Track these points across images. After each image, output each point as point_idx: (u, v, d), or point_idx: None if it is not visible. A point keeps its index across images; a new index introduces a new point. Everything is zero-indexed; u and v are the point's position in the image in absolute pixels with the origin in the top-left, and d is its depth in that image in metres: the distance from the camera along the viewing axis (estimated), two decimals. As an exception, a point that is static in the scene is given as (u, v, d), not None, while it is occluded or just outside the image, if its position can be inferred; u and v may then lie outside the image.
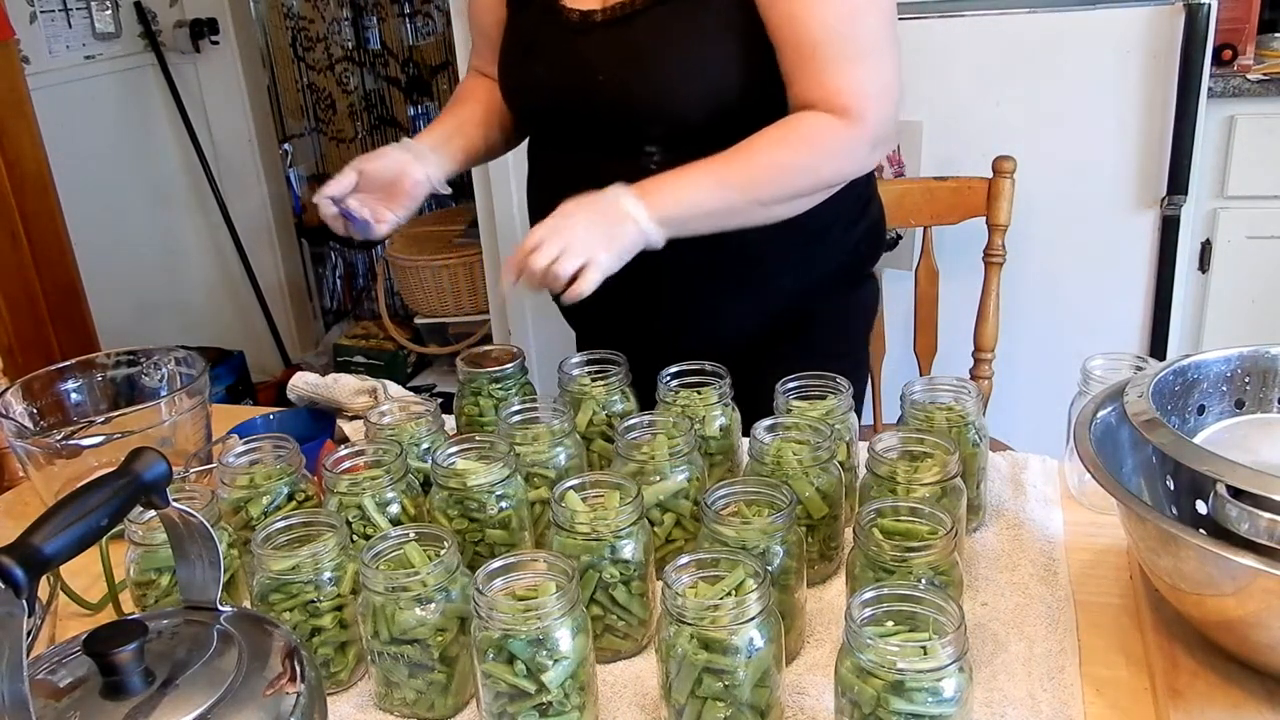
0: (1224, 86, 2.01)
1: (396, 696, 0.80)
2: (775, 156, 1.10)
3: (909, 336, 1.85)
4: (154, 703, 0.60)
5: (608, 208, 1.05)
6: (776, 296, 1.25)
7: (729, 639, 0.69)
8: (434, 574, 0.76)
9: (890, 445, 0.91)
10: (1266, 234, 2.11)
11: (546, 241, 1.01)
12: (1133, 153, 1.96)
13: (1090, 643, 0.83)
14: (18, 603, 0.56)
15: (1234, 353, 0.89)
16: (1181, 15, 1.84)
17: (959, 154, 2.01)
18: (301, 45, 3.64)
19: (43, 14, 2.90)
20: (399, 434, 1.01)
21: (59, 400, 1.18)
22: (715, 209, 1.09)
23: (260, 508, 0.93)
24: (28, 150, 2.52)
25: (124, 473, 0.65)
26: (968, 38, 1.97)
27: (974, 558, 0.94)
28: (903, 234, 2.10)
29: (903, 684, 0.64)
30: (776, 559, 0.79)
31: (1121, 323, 2.07)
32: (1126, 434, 0.84)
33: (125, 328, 3.06)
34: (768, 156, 1.10)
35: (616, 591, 0.82)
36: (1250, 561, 0.66)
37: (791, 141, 1.10)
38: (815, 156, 1.11)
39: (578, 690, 0.74)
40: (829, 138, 1.10)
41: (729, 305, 1.25)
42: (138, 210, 3.26)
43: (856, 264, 1.33)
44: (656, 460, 0.90)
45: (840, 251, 1.28)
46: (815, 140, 1.10)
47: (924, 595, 0.69)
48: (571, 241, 1.01)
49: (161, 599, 0.88)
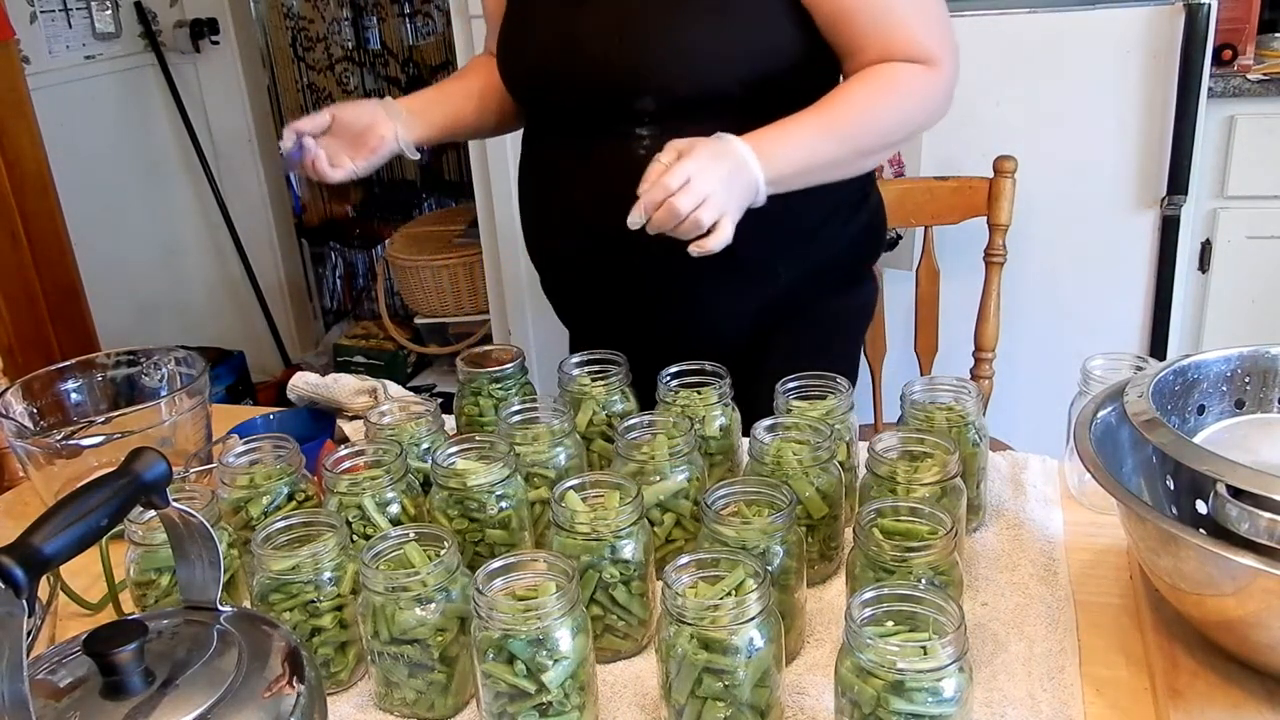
0: (1224, 86, 2.01)
1: (396, 696, 0.80)
2: (872, 104, 1.10)
3: (909, 336, 1.85)
4: (154, 703, 0.60)
5: (737, 162, 1.02)
6: (771, 293, 1.24)
7: (729, 639, 0.69)
8: (434, 574, 0.76)
9: (890, 445, 0.91)
10: (1266, 234, 2.11)
11: (693, 183, 0.97)
12: (1133, 153, 1.96)
13: (1090, 643, 0.83)
14: (18, 603, 0.56)
15: (1234, 353, 0.89)
16: (1181, 15, 1.84)
17: (959, 154, 2.01)
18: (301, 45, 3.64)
19: (43, 14, 2.90)
20: (399, 434, 1.01)
21: (59, 400, 1.18)
22: (820, 163, 1.08)
23: (260, 508, 0.93)
24: (28, 150, 2.52)
25: (124, 473, 0.65)
26: (968, 38, 1.95)
27: (974, 558, 0.94)
28: (903, 234, 2.10)
29: (903, 684, 0.64)
30: (776, 559, 0.79)
31: (1121, 323, 2.07)
32: (1126, 434, 0.84)
33: (125, 328, 3.06)
34: (866, 105, 1.09)
35: (616, 591, 0.82)
36: (1250, 561, 0.66)
37: (885, 89, 1.10)
38: (909, 101, 1.11)
39: (578, 690, 0.74)
40: (919, 84, 1.11)
41: (724, 302, 1.24)
42: (138, 210, 3.26)
43: (854, 261, 1.33)
44: (656, 460, 0.90)
45: (836, 247, 1.27)
46: (906, 87, 1.10)
47: (924, 595, 0.69)
48: (715, 190, 0.98)
49: (161, 599, 0.88)
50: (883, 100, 1.10)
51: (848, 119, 1.09)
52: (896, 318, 1.89)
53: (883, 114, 1.11)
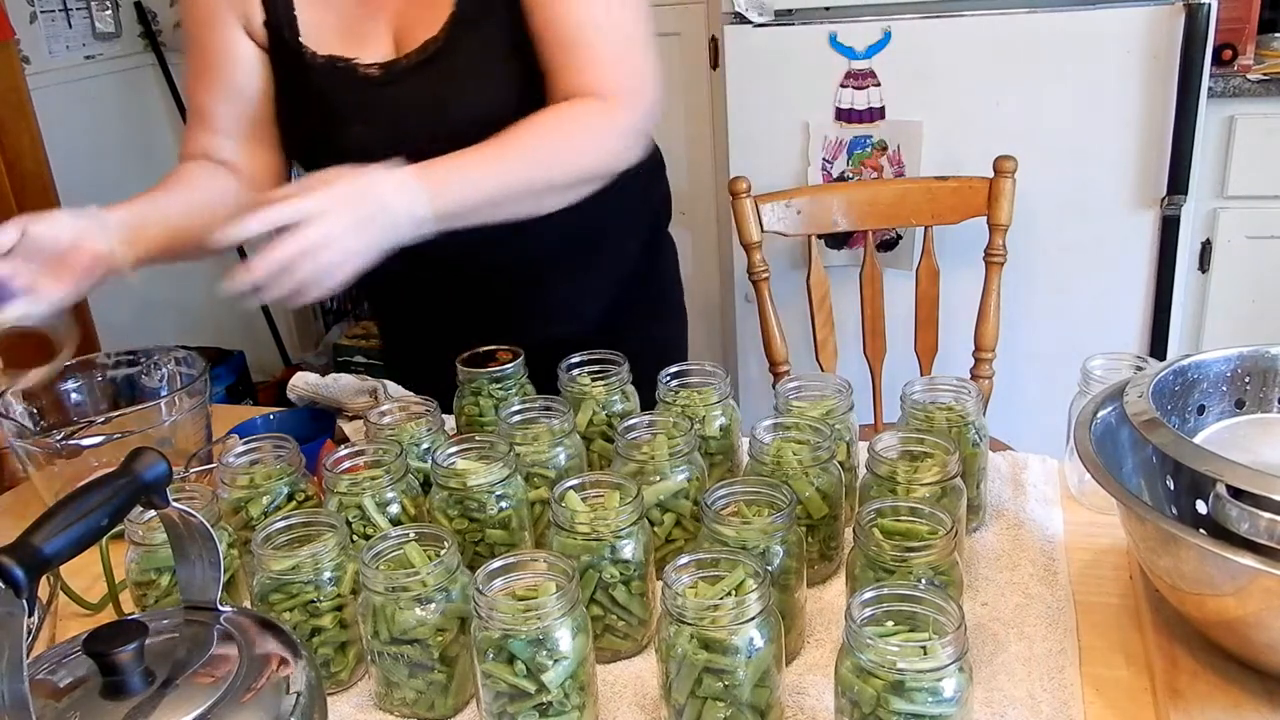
0: (1224, 86, 2.01)
1: (396, 696, 0.80)
2: (539, 139, 1.08)
3: (909, 336, 1.85)
4: (154, 703, 0.60)
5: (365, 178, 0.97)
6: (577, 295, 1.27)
7: (729, 639, 0.69)
8: (434, 574, 0.76)
9: (890, 445, 0.91)
10: (1266, 234, 2.11)
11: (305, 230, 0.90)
12: (1133, 153, 1.96)
13: (1090, 643, 0.83)
14: (18, 603, 0.56)
15: (1234, 353, 0.89)
16: (1181, 15, 1.84)
17: (959, 154, 2.01)
18: (301, 45, 3.64)
19: (43, 14, 2.90)
20: (399, 434, 1.01)
21: (59, 400, 1.18)
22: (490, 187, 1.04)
23: (260, 508, 0.93)
24: (28, 150, 2.52)
25: (124, 473, 0.65)
26: (968, 38, 1.97)
27: (974, 558, 0.94)
28: (903, 234, 2.10)
29: (903, 684, 0.64)
30: (776, 559, 0.79)
31: (1121, 323, 2.07)
32: (1126, 434, 0.84)
33: (125, 328, 3.06)
34: (535, 130, 1.08)
35: (616, 591, 0.82)
36: (1250, 561, 0.66)
37: (552, 126, 1.09)
38: (578, 137, 1.11)
39: (578, 690, 0.74)
40: (594, 120, 1.11)
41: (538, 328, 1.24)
42: (138, 210, 3.26)
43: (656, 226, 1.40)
44: (656, 460, 0.90)
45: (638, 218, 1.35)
46: (575, 123, 1.10)
47: (924, 595, 0.69)
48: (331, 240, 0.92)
49: (161, 599, 0.88)
50: (549, 136, 1.09)
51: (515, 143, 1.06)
52: (896, 318, 1.89)
53: (549, 148, 1.09)
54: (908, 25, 1.99)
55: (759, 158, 2.12)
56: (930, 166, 2.04)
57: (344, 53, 1.16)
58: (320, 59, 1.16)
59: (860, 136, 2.08)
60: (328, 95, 1.18)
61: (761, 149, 2.14)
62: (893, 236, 2.12)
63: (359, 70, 1.16)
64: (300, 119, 1.21)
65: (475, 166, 1.03)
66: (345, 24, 1.17)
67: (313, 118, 1.19)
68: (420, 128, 1.14)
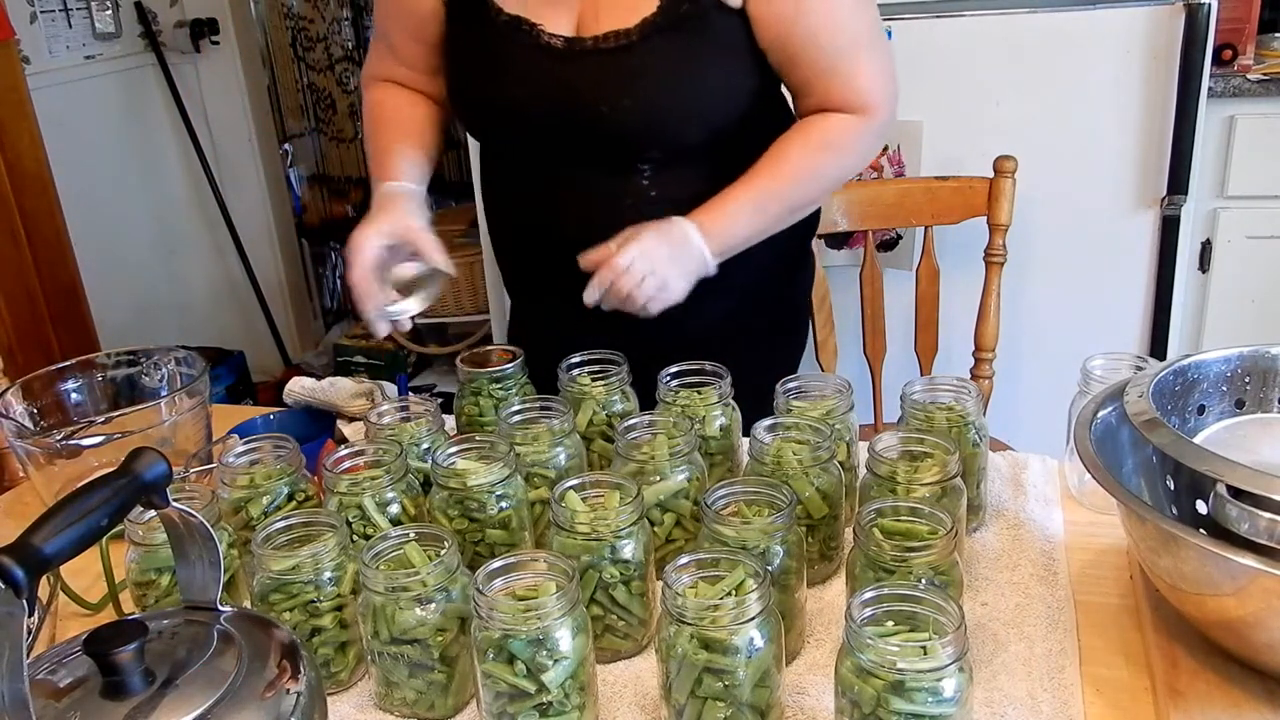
0: (1224, 86, 2.01)
1: (396, 696, 0.80)
2: (807, 166, 1.17)
3: (909, 336, 1.85)
4: (154, 703, 0.60)
5: (681, 240, 1.12)
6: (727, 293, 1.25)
7: (729, 639, 0.69)
8: (434, 574, 0.76)
9: (890, 445, 0.91)
10: (1266, 234, 2.11)
11: (635, 265, 1.08)
12: (1133, 153, 1.96)
13: (1090, 643, 0.83)
14: (18, 603, 0.56)
15: (1234, 353, 0.89)
16: (1181, 15, 1.84)
17: (959, 154, 2.01)
18: (301, 45, 3.64)
19: (43, 14, 2.90)
20: (399, 434, 1.01)
21: (59, 400, 1.18)
22: (759, 229, 1.17)
23: (260, 508, 0.93)
24: (28, 150, 2.52)
25: (124, 473, 0.65)
26: (968, 38, 1.97)
27: (974, 558, 0.94)
28: (903, 234, 2.10)
29: (903, 684, 0.64)
30: (776, 559, 0.79)
31: (1121, 323, 2.07)
32: (1126, 434, 0.84)
33: (125, 328, 3.06)
34: (800, 168, 1.17)
35: (616, 591, 0.82)
36: (1250, 561, 0.66)
37: (818, 148, 1.17)
38: (841, 157, 1.19)
39: (578, 690, 0.74)
40: (850, 137, 1.18)
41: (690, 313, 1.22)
42: (138, 210, 3.26)
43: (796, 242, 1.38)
44: (656, 460, 0.90)
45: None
46: (839, 143, 1.18)
47: (924, 595, 0.69)
48: (656, 267, 1.09)
49: (161, 599, 0.88)
50: (818, 159, 1.18)
51: (784, 184, 1.17)
52: (896, 318, 1.89)
53: (818, 172, 1.19)
54: (908, 25, 1.99)
55: (759, 158, 2.12)
56: (930, 166, 2.04)
57: (529, 16, 1.15)
58: (505, 17, 1.16)
59: (860, 136, 2.08)
60: (504, 55, 1.17)
61: (761, 149, 2.13)
62: (893, 236, 2.11)
63: (542, 37, 1.15)
64: (471, 74, 1.21)
65: (746, 212, 1.15)
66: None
67: (483, 74, 1.20)
68: (589, 111, 1.15)
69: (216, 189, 3.32)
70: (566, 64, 1.15)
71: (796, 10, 1.10)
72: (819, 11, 1.11)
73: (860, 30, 1.15)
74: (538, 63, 1.16)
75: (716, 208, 1.14)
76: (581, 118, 1.15)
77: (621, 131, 1.15)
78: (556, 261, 1.19)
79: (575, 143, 1.18)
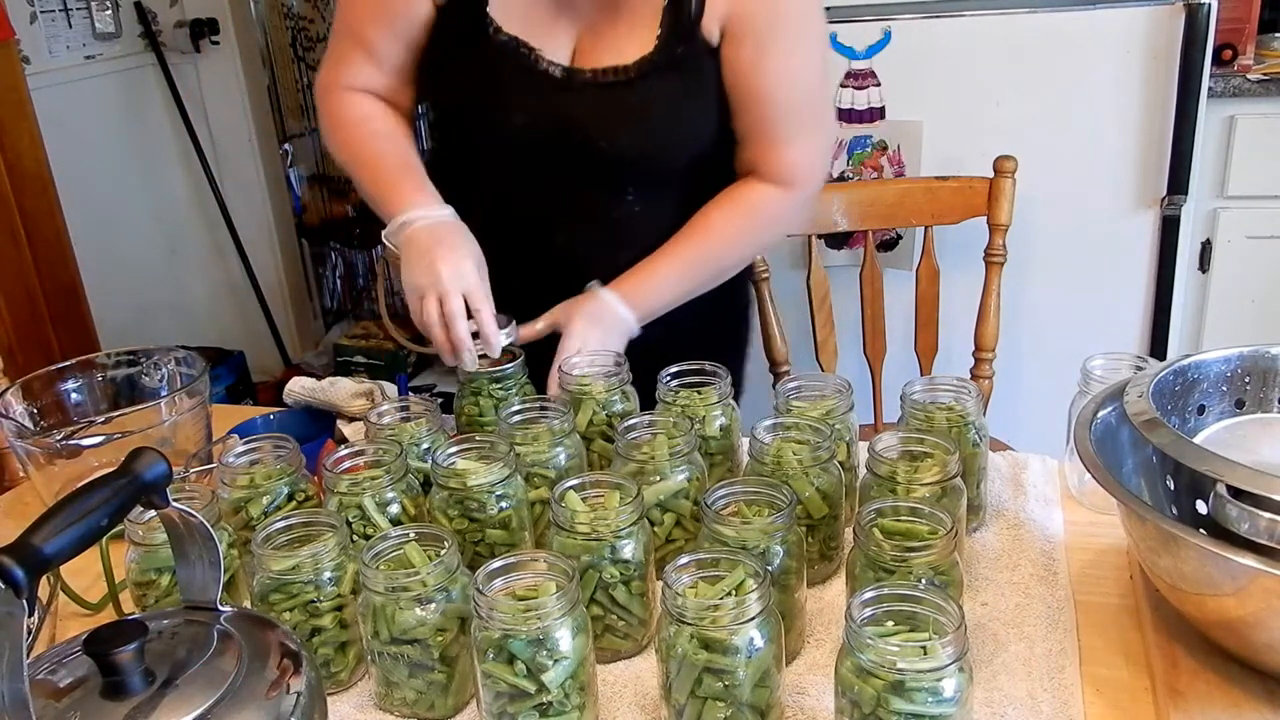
0: (1224, 86, 2.01)
1: (396, 696, 0.80)
2: (730, 235, 1.23)
3: (909, 336, 1.85)
4: (154, 703, 0.60)
5: (611, 319, 1.17)
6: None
7: (729, 639, 0.69)
8: (434, 574, 0.76)
9: (890, 445, 0.91)
10: (1266, 234, 2.11)
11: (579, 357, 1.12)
12: (1133, 153, 1.96)
13: (1090, 643, 0.83)
14: (18, 603, 0.56)
15: (1234, 353, 0.89)
16: (1181, 15, 1.84)
17: (959, 154, 2.01)
18: (301, 45, 3.63)
19: (43, 14, 2.90)
20: (399, 434, 1.01)
21: (59, 400, 1.18)
22: (682, 294, 1.22)
23: (260, 508, 0.93)
24: (28, 150, 2.52)
25: (124, 473, 0.65)
26: (968, 38, 1.97)
27: (974, 558, 0.94)
28: (903, 234, 2.10)
29: (903, 684, 0.64)
30: (776, 559, 0.79)
31: (1121, 323, 2.07)
32: (1126, 434, 0.84)
33: (125, 328, 3.06)
34: (725, 238, 1.23)
35: (616, 591, 0.82)
36: (1250, 561, 0.66)
37: (744, 219, 1.23)
38: (765, 228, 1.26)
39: (578, 690, 0.74)
40: (773, 209, 1.23)
41: None
42: (138, 210, 3.26)
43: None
44: (656, 460, 0.90)
45: None
46: (765, 215, 1.23)
47: (924, 595, 0.69)
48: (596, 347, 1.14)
49: (161, 599, 0.88)
50: (741, 229, 1.23)
51: (707, 253, 1.22)
52: (896, 318, 1.89)
53: (740, 241, 1.25)
54: (908, 25, 1.99)
55: (759, 158, 2.12)
56: (930, 166, 2.04)
57: (528, 39, 1.17)
58: (504, 36, 1.17)
59: (860, 136, 2.08)
60: (502, 76, 1.18)
61: (762, 149, 2.13)
62: (893, 236, 2.12)
63: (541, 63, 1.17)
64: (465, 90, 1.21)
65: (670, 280, 1.21)
66: (534, 12, 1.17)
67: (479, 93, 1.19)
68: (587, 142, 1.18)
69: (216, 189, 3.32)
70: (565, 94, 1.17)
71: (755, 64, 1.15)
72: (776, 72, 1.16)
73: (807, 104, 1.20)
74: (536, 89, 1.17)
75: (642, 277, 1.19)
76: (578, 147, 1.18)
77: (616, 161, 1.19)
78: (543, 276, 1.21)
79: (568, 167, 1.20)
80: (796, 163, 1.21)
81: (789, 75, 1.17)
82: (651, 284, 1.20)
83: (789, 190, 1.22)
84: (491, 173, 1.26)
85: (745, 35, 1.14)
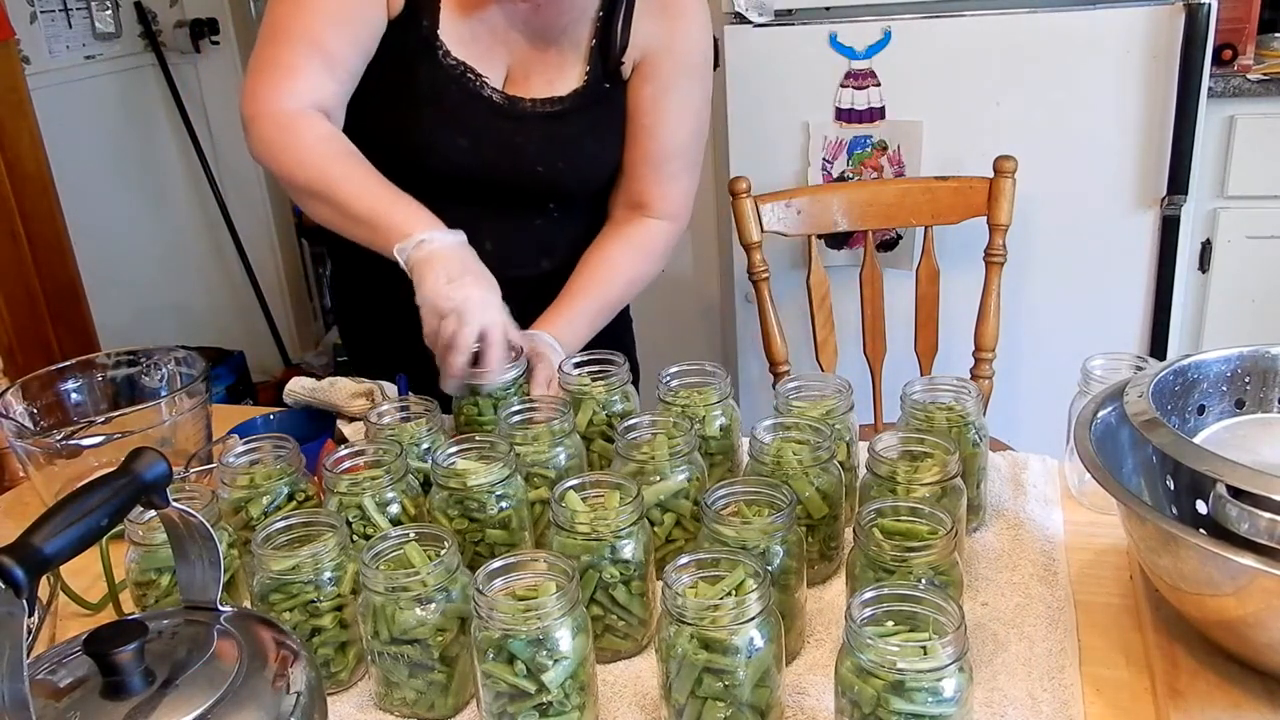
0: (1224, 86, 2.01)
1: (396, 696, 0.80)
2: (635, 278, 1.35)
3: (909, 336, 1.85)
4: (154, 703, 0.60)
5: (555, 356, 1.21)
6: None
7: (729, 639, 0.69)
8: (434, 574, 0.76)
9: (890, 445, 0.91)
10: (1266, 234, 2.11)
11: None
12: (1133, 153, 1.96)
13: (1090, 643, 0.83)
14: (18, 603, 0.56)
15: (1234, 353, 0.89)
16: (1181, 15, 1.84)
17: (959, 154, 2.01)
18: (301, 45, 3.63)
19: (43, 14, 2.90)
20: (399, 434, 1.01)
21: (59, 400, 1.18)
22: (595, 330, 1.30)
23: (260, 508, 0.93)
24: (28, 150, 2.52)
25: (124, 473, 0.65)
26: (968, 38, 1.97)
27: (974, 558, 0.94)
28: (903, 234, 2.10)
29: (903, 684, 0.64)
30: (776, 559, 0.79)
31: (1121, 323, 2.07)
32: (1126, 434, 0.84)
33: (125, 328, 3.06)
34: (629, 281, 1.35)
35: (616, 591, 0.82)
36: (1250, 561, 0.66)
37: (644, 261, 1.35)
38: (657, 265, 1.37)
39: (578, 690, 0.74)
40: (662, 244, 1.36)
41: None
42: (138, 210, 3.26)
43: None
44: (656, 460, 0.90)
45: None
46: (654, 249, 1.36)
47: (924, 595, 0.69)
48: None
49: (161, 599, 0.88)
50: (640, 265, 1.35)
51: (615, 291, 1.33)
52: (896, 318, 1.89)
53: (638, 277, 1.36)
54: (908, 25, 1.99)
55: (759, 158, 2.12)
56: (930, 166, 2.04)
57: (473, 64, 1.23)
58: (451, 60, 1.21)
59: (860, 136, 2.08)
60: (449, 99, 1.22)
61: (762, 149, 2.14)
62: (893, 236, 2.12)
63: (485, 89, 1.24)
64: (404, 108, 1.22)
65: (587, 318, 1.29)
66: (478, 39, 1.23)
67: (418, 112, 1.22)
68: (527, 168, 1.27)
69: (216, 189, 3.32)
70: (507, 120, 1.25)
71: (654, 101, 1.29)
72: (670, 111, 1.30)
73: (695, 145, 1.34)
74: (479, 114, 1.23)
75: (565, 316, 1.26)
76: (516, 170, 1.27)
77: (549, 183, 1.30)
78: None
79: (502, 186, 1.28)
80: (677, 198, 1.35)
81: (683, 116, 1.31)
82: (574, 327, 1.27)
83: (673, 224, 1.36)
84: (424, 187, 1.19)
85: (653, 75, 1.28)
